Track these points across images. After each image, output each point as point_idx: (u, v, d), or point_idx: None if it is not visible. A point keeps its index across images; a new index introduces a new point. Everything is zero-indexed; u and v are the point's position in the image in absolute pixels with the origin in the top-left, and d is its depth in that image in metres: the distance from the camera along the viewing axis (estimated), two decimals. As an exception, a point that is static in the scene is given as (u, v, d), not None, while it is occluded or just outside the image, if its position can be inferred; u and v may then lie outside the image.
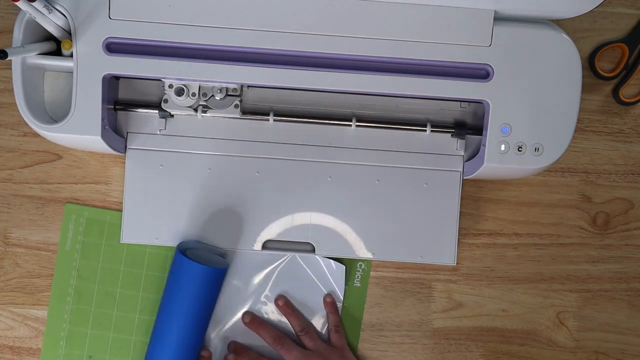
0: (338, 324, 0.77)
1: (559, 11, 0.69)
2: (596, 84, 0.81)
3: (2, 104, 0.78)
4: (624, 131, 0.81)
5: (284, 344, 0.75)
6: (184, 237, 0.76)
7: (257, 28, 0.68)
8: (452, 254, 0.77)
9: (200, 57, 0.69)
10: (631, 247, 0.81)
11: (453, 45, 0.69)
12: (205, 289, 0.73)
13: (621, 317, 0.81)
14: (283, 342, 0.75)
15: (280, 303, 0.77)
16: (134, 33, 0.68)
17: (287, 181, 0.76)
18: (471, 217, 0.81)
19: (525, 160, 0.71)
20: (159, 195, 0.75)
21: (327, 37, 0.69)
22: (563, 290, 0.81)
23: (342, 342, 0.77)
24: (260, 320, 0.77)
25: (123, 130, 0.75)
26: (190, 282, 0.72)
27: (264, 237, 0.76)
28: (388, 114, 0.76)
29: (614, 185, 0.81)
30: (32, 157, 0.78)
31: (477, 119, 0.76)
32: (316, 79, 0.69)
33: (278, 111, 0.75)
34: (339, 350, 0.76)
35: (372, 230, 0.76)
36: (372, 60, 0.70)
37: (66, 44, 0.68)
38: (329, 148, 0.76)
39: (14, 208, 0.78)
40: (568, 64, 0.70)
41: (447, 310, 0.81)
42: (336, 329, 0.77)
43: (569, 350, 0.81)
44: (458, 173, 0.76)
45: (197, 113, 0.74)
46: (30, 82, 0.70)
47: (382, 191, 0.76)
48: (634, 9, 0.80)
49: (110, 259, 0.78)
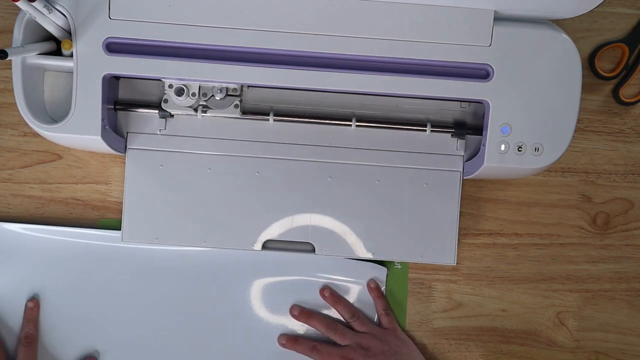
0: (387, 308, 0.78)
1: (559, 11, 0.69)
2: (596, 84, 0.81)
3: (2, 104, 0.78)
4: (624, 131, 0.81)
5: (337, 329, 0.76)
6: (184, 237, 0.76)
7: (257, 28, 0.68)
8: (452, 254, 0.77)
9: (200, 57, 0.69)
10: (631, 247, 0.81)
11: (453, 45, 0.69)
12: None
13: (621, 317, 0.81)
14: (336, 328, 0.76)
15: (326, 294, 0.78)
16: (134, 33, 0.68)
17: (287, 181, 0.76)
18: (471, 217, 0.81)
19: (525, 160, 0.71)
20: (159, 195, 0.75)
21: (327, 37, 0.69)
22: (563, 290, 0.81)
23: (394, 324, 0.78)
24: (309, 311, 0.78)
25: (123, 130, 0.75)
26: None
27: (264, 237, 0.76)
28: (388, 114, 0.76)
29: (614, 185, 0.81)
30: (32, 157, 0.78)
31: (477, 119, 0.76)
32: (316, 79, 0.69)
33: (278, 111, 0.75)
34: (392, 332, 0.77)
35: (372, 230, 0.76)
36: (372, 60, 0.70)
37: (66, 44, 0.68)
38: (329, 148, 0.76)
39: (14, 208, 0.78)
40: (568, 64, 0.70)
41: (447, 310, 0.81)
42: (386, 312, 0.78)
43: (569, 350, 0.81)
44: (458, 173, 0.76)
45: (197, 113, 0.74)
46: (30, 82, 0.70)
47: (382, 191, 0.76)
48: (634, 9, 0.80)
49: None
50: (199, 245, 0.76)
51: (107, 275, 0.77)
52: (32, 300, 0.76)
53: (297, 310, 0.78)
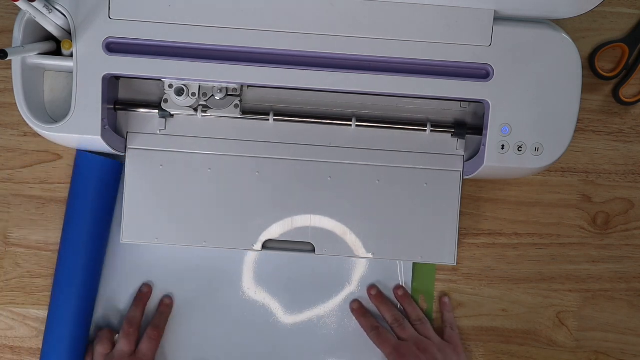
0: (453, 323, 0.79)
1: (559, 11, 0.69)
2: (596, 84, 0.81)
3: (2, 104, 0.78)
4: (624, 131, 0.81)
5: (380, 334, 0.76)
6: (184, 237, 0.76)
7: (257, 28, 0.68)
8: (452, 254, 0.77)
9: (200, 57, 0.69)
10: (631, 247, 0.81)
11: (453, 45, 0.69)
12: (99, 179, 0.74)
13: (621, 317, 0.81)
14: (379, 333, 0.76)
15: (372, 292, 0.78)
16: (134, 33, 0.68)
17: (287, 181, 0.76)
18: (471, 217, 0.81)
19: (525, 160, 0.71)
20: (159, 195, 0.75)
21: (327, 37, 0.69)
22: (563, 290, 0.81)
23: (457, 340, 0.78)
24: (365, 310, 0.78)
25: (123, 130, 0.75)
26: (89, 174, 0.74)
27: (264, 237, 0.76)
28: (388, 114, 0.76)
29: (614, 185, 0.81)
30: (32, 157, 0.78)
31: (477, 119, 0.76)
32: (316, 79, 0.69)
33: (278, 111, 0.75)
34: (453, 347, 0.77)
35: (372, 230, 0.76)
36: (372, 60, 0.70)
37: (66, 44, 0.68)
38: (329, 148, 0.76)
39: (14, 208, 0.78)
40: (568, 64, 0.70)
41: (447, 310, 0.81)
42: (451, 327, 0.78)
43: (569, 350, 0.81)
44: (458, 173, 0.76)
45: (197, 113, 0.74)
46: (30, 82, 0.70)
47: (382, 191, 0.76)
48: (634, 9, 0.80)
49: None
50: (199, 245, 0.76)
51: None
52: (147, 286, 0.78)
53: (357, 305, 0.78)
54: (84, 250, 0.74)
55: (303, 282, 0.79)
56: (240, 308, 0.78)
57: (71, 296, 0.74)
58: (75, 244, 0.74)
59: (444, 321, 0.79)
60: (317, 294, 0.79)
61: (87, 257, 0.74)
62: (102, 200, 0.75)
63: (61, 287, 0.74)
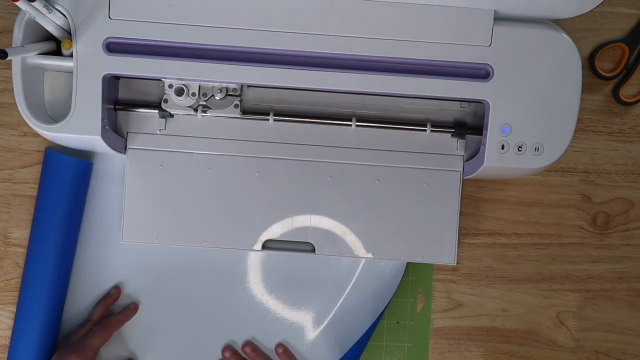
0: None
1: (559, 11, 0.69)
2: (596, 84, 0.81)
3: (2, 104, 0.78)
4: (624, 131, 0.81)
5: None
6: (184, 237, 0.76)
7: (257, 28, 0.68)
8: (452, 253, 0.77)
9: (200, 57, 0.69)
10: (631, 247, 0.81)
11: (453, 45, 0.69)
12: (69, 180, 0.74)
13: (621, 317, 0.81)
14: None
15: (247, 350, 0.78)
16: (134, 33, 0.68)
17: (287, 181, 0.76)
18: (471, 217, 0.81)
19: (525, 160, 0.71)
20: (159, 195, 0.75)
21: (327, 37, 0.69)
22: (563, 290, 0.81)
23: None
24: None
25: (123, 130, 0.75)
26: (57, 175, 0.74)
27: (264, 237, 0.76)
28: (388, 114, 0.76)
29: (614, 185, 0.81)
30: (32, 157, 0.78)
31: (477, 119, 0.76)
32: (316, 79, 0.69)
33: (278, 111, 0.75)
34: None
35: (372, 230, 0.76)
36: (372, 60, 0.70)
37: (66, 43, 0.68)
38: (329, 148, 0.76)
39: (14, 208, 0.78)
40: (568, 64, 0.70)
41: (447, 310, 0.81)
42: None
43: (569, 350, 0.81)
44: (458, 173, 0.76)
45: (197, 113, 0.74)
46: (30, 82, 0.70)
47: (382, 191, 0.76)
48: (634, 9, 0.80)
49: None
50: (199, 245, 0.76)
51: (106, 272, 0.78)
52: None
53: (249, 347, 0.78)
54: (54, 249, 0.74)
55: (303, 281, 0.79)
56: (240, 307, 0.78)
57: (39, 297, 0.74)
58: (44, 244, 0.74)
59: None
60: (317, 294, 0.79)
61: (56, 256, 0.74)
62: (71, 200, 0.75)
63: (29, 287, 0.74)
